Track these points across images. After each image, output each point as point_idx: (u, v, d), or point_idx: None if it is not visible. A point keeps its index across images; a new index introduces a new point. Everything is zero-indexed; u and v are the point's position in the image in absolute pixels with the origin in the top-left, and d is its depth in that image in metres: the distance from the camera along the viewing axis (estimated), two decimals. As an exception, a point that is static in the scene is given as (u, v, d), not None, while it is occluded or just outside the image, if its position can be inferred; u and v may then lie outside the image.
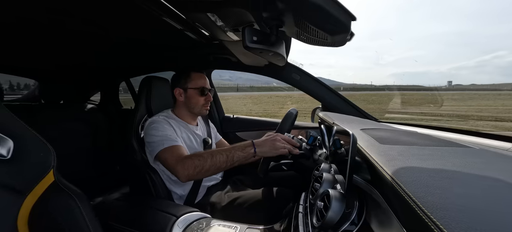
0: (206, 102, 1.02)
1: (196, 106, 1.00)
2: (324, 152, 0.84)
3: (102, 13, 0.84)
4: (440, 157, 0.40)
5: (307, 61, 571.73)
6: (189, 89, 0.99)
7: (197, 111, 1.02)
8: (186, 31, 0.94)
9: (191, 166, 0.75)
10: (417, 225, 0.23)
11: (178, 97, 1.00)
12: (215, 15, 0.73)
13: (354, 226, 0.39)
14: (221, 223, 0.67)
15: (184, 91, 1.00)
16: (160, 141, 0.85)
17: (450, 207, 0.22)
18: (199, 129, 1.08)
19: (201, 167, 0.75)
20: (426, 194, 0.25)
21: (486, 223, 0.20)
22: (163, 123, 0.90)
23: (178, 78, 1.01)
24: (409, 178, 0.30)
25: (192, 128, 1.03)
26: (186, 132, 0.99)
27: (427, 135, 0.68)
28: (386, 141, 0.52)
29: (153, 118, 0.93)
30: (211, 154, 0.77)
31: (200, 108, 1.01)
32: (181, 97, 1.00)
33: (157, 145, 0.84)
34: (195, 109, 1.01)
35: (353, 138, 0.44)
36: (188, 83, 0.99)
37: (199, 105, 1.01)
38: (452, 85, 66.74)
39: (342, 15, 0.47)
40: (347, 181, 0.43)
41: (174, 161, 0.79)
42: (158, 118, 0.93)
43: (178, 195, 0.95)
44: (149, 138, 0.88)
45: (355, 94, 19.54)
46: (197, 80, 1.00)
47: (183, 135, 0.96)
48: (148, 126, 0.90)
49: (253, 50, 0.60)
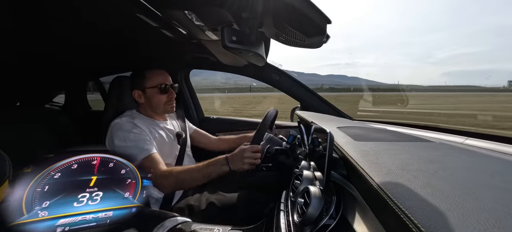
0: (169, 100, 0.96)
1: (158, 105, 0.95)
2: (304, 150, 0.87)
3: (69, 6, 0.77)
4: (406, 151, 0.44)
5: (343, 60, 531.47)
6: (148, 89, 0.93)
7: (160, 110, 0.97)
8: (162, 29, 0.90)
9: (171, 185, 0.81)
10: (389, 215, 0.25)
11: (138, 99, 0.94)
12: (193, 14, 0.71)
13: (333, 220, 0.40)
14: (203, 227, 0.65)
15: (143, 92, 0.94)
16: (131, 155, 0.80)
17: (415, 196, 0.25)
18: (169, 124, 1.03)
19: (180, 186, 0.84)
20: (395, 185, 0.28)
21: (447, 207, 0.22)
22: (128, 127, 0.85)
23: (134, 79, 0.95)
24: (380, 171, 0.32)
25: (160, 123, 0.98)
26: (154, 128, 0.94)
27: (395, 132, 0.73)
28: (360, 138, 0.56)
29: (116, 121, 0.86)
30: (189, 174, 0.80)
31: (163, 106, 0.96)
32: (141, 98, 0.94)
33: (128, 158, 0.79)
34: (158, 109, 0.96)
35: (330, 136, 0.46)
36: (145, 83, 0.93)
37: (162, 104, 0.95)
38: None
39: (318, 17, 0.49)
40: (325, 177, 0.45)
41: (153, 176, 0.79)
42: (121, 120, 0.86)
43: (154, 198, 0.91)
44: (117, 149, 0.82)
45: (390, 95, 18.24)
46: (154, 77, 0.94)
47: (153, 132, 0.92)
48: (112, 131, 0.84)
49: (233, 50, 0.60)
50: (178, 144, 1.01)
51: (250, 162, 0.80)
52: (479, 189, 0.26)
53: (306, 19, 0.49)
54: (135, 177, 0.40)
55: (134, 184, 0.39)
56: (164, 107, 0.96)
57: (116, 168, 0.41)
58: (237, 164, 0.80)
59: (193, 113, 1.58)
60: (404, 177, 0.30)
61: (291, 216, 0.50)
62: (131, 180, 0.40)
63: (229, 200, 0.89)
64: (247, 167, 0.80)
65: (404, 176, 0.30)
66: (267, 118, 0.94)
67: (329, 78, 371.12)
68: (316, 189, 0.46)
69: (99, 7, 0.78)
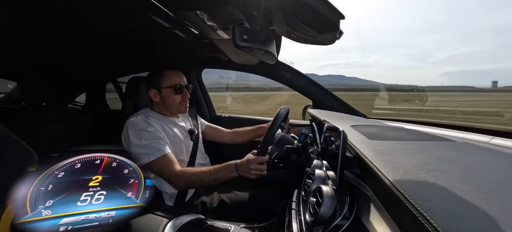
0: (183, 100, 0.99)
1: (172, 105, 0.98)
2: (316, 149, 0.85)
3: (87, 10, 0.81)
4: (425, 150, 0.42)
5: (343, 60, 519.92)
6: (163, 89, 0.96)
7: (174, 110, 1.00)
8: (175, 29, 0.92)
9: (183, 184, 0.85)
10: (405, 216, 0.24)
11: (154, 98, 0.97)
12: (204, 14, 0.72)
13: (346, 220, 0.40)
14: (215, 223, 0.66)
15: (158, 91, 0.97)
16: (145, 153, 0.83)
17: (435, 198, 0.23)
18: (181, 121, 1.06)
19: (192, 186, 0.89)
20: (413, 186, 0.26)
21: (470, 210, 0.21)
22: (143, 125, 0.88)
23: (151, 79, 0.98)
24: (397, 172, 0.31)
25: (173, 120, 1.01)
26: (168, 125, 0.97)
27: (413, 130, 0.70)
28: (375, 137, 0.54)
29: (131, 120, 0.90)
30: (200, 177, 0.83)
31: (177, 106, 0.99)
32: (156, 97, 0.97)
33: (143, 156, 0.83)
34: (172, 108, 0.99)
35: (343, 134, 0.45)
36: (162, 82, 0.96)
37: (176, 104, 0.98)
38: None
39: (331, 13, 0.48)
40: (338, 176, 0.44)
41: (167, 177, 0.84)
42: (136, 119, 0.90)
43: (169, 194, 0.93)
44: (132, 148, 0.85)
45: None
46: (170, 77, 0.97)
47: (166, 129, 0.94)
48: (127, 129, 0.88)
49: (244, 49, 0.60)
50: (191, 140, 1.04)
51: (256, 173, 0.81)
52: (506, 192, 0.24)
53: (319, 15, 0.48)
54: (138, 177, 0.40)
55: (137, 184, 0.39)
56: (178, 107, 0.99)
57: (119, 167, 0.41)
58: (245, 172, 0.81)
59: (205, 111, 1.60)
60: (422, 178, 0.29)
61: (303, 215, 0.49)
62: (134, 180, 0.39)
63: (240, 198, 0.90)
64: (254, 177, 0.81)
65: (422, 177, 0.29)
66: (277, 118, 0.93)
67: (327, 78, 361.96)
68: (328, 189, 0.45)
69: (116, 11, 0.81)
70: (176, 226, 0.66)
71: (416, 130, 0.72)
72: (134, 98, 1.01)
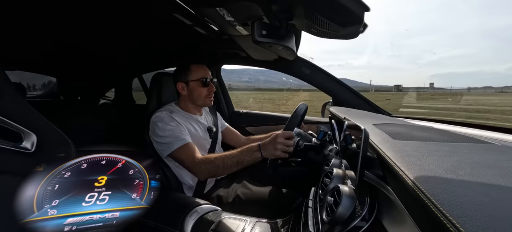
0: (209, 93, 1.03)
1: (199, 97, 1.01)
2: (335, 147, 0.83)
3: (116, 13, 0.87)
4: (458, 153, 0.39)
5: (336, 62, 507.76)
6: (191, 82, 1.00)
7: (201, 102, 1.03)
8: (195, 26, 0.95)
9: (206, 171, 0.84)
10: (432, 223, 0.22)
11: (181, 91, 1.02)
12: (224, 10, 0.72)
13: (365, 222, 0.38)
14: (232, 216, 0.68)
15: (186, 85, 1.01)
16: (169, 143, 0.87)
17: (467, 205, 0.22)
18: (203, 118, 1.09)
19: (214, 172, 0.84)
20: (441, 191, 0.24)
21: (506, 222, 0.19)
22: (167, 120, 0.92)
23: (179, 73, 1.02)
24: (424, 175, 0.29)
25: (196, 117, 1.05)
26: (190, 122, 1.01)
27: (444, 131, 0.65)
28: (400, 137, 0.51)
29: (157, 114, 0.94)
30: (223, 161, 0.82)
31: (203, 99, 1.02)
32: (184, 91, 1.01)
33: (168, 147, 0.87)
34: (198, 100, 1.02)
35: (365, 133, 0.43)
36: (189, 76, 1.00)
37: (202, 96, 1.02)
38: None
39: (354, 5, 0.46)
40: (358, 176, 0.42)
41: (189, 164, 0.86)
42: (162, 114, 0.94)
43: (188, 186, 0.97)
44: (157, 138, 0.90)
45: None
46: (197, 71, 1.01)
47: (188, 126, 0.98)
48: (153, 123, 0.92)
49: (263, 44, 0.60)
50: (209, 138, 1.06)
51: (282, 148, 0.78)
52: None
53: (341, 7, 0.46)
54: (143, 178, 0.40)
55: (142, 185, 0.39)
56: (204, 100, 1.03)
57: (124, 168, 0.41)
58: (270, 150, 0.79)
59: (224, 107, 1.63)
60: (452, 183, 0.26)
61: (320, 214, 0.48)
62: (139, 181, 0.39)
63: (256, 194, 0.91)
64: (279, 153, 0.78)
65: (452, 182, 0.27)
66: (297, 113, 0.92)
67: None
68: (347, 189, 0.43)
69: (140, 10, 0.86)
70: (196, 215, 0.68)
71: (447, 131, 0.66)
72: (158, 93, 1.06)
